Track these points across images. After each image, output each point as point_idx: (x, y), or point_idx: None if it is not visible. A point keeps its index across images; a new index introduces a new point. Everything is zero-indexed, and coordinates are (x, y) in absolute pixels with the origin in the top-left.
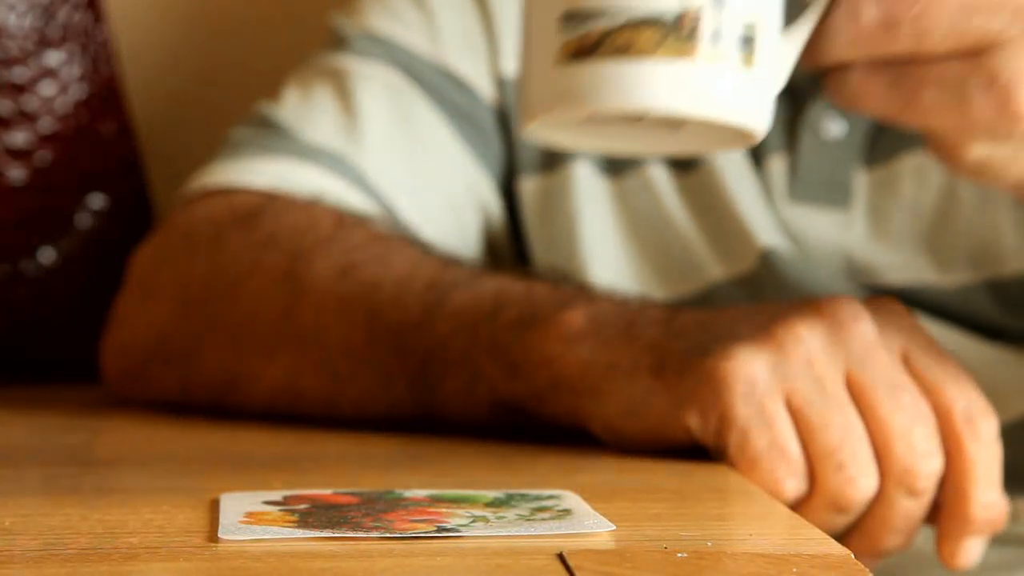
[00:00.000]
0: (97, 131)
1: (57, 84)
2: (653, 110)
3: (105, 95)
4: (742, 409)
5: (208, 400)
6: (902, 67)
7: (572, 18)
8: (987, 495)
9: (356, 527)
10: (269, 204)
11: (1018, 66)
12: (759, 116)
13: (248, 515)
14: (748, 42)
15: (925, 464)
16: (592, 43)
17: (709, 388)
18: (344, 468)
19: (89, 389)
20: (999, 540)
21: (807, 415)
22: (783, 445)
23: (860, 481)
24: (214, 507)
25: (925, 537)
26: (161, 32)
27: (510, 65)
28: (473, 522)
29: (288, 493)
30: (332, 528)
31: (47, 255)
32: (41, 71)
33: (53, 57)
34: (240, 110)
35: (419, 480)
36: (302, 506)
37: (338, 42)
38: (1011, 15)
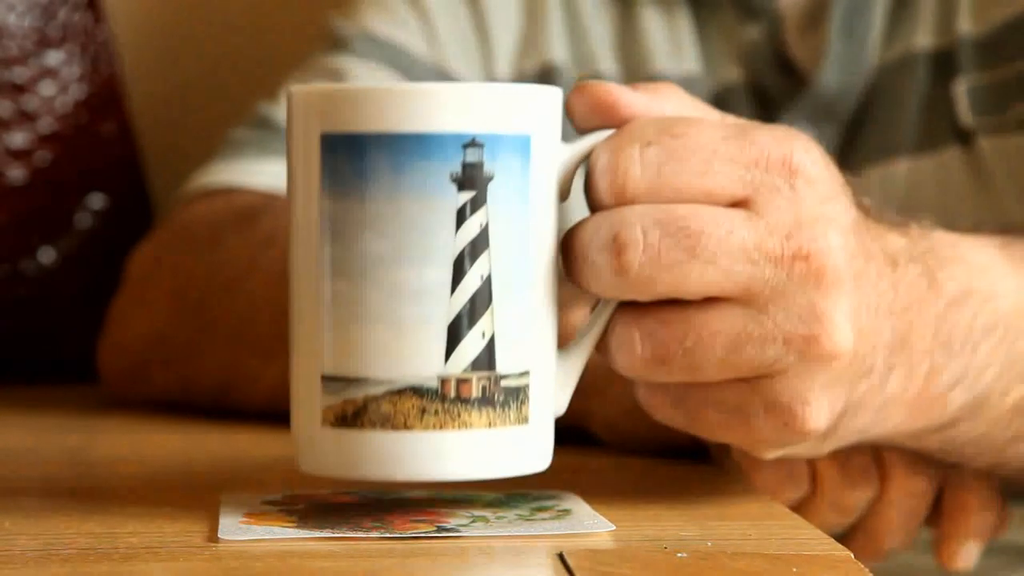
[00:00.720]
0: (97, 131)
1: (57, 84)
2: (421, 481)
3: (105, 95)
4: None
5: (207, 400)
6: (682, 389)
7: (333, 381)
8: (988, 498)
9: (356, 527)
10: (268, 204)
11: (796, 389)
12: (539, 458)
13: (248, 515)
14: (519, 393)
15: (926, 466)
16: (354, 412)
17: None
18: None
19: (89, 389)
20: (992, 546)
21: None
22: None
23: (862, 483)
24: (214, 507)
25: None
26: (161, 32)
27: (503, 67)
28: (473, 522)
29: (288, 493)
30: (332, 528)
31: (47, 255)
32: (41, 71)
33: (53, 57)
34: (240, 110)
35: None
36: (302, 506)
37: (337, 43)
38: (783, 345)
